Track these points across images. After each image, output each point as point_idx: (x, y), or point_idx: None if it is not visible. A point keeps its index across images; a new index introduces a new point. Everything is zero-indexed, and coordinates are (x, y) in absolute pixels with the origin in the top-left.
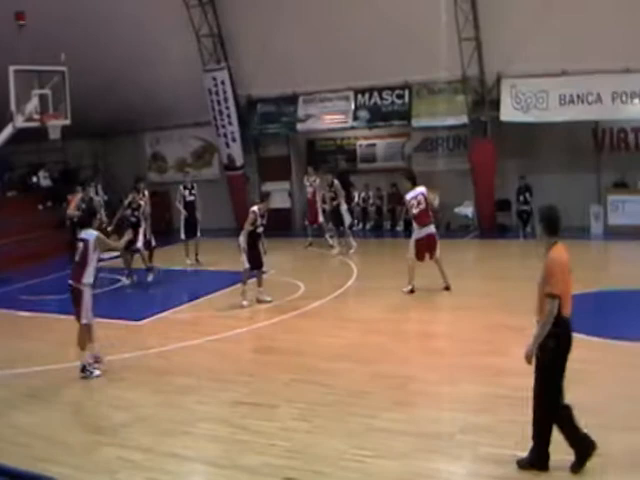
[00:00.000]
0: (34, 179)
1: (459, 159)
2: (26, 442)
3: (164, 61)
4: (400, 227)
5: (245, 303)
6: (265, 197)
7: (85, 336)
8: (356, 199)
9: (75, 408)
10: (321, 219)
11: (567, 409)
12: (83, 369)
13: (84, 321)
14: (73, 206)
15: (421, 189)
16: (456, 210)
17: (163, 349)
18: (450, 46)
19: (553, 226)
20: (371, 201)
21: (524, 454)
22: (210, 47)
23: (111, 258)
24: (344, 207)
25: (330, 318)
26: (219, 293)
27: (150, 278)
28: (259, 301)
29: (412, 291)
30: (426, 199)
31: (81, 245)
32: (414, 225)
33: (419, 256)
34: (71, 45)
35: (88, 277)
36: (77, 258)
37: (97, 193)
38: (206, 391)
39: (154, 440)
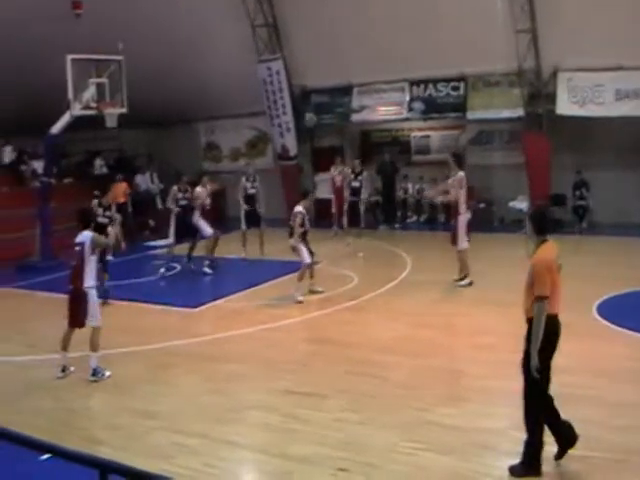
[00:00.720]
0: (92, 166)
1: (514, 153)
2: (83, 425)
3: (219, 51)
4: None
5: (301, 298)
6: (307, 194)
7: (96, 338)
8: (410, 190)
9: (130, 393)
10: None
11: (549, 399)
12: (94, 372)
13: (93, 324)
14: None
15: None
16: (510, 204)
17: (216, 337)
18: (506, 38)
19: (541, 225)
20: (425, 193)
21: (574, 452)
22: (265, 37)
23: (166, 246)
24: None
25: (382, 310)
26: (272, 283)
27: (203, 268)
28: (311, 292)
29: (471, 283)
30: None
31: (78, 248)
32: (461, 208)
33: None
34: (128, 35)
35: (89, 280)
36: (74, 262)
37: (152, 181)
38: (257, 379)
39: (207, 427)
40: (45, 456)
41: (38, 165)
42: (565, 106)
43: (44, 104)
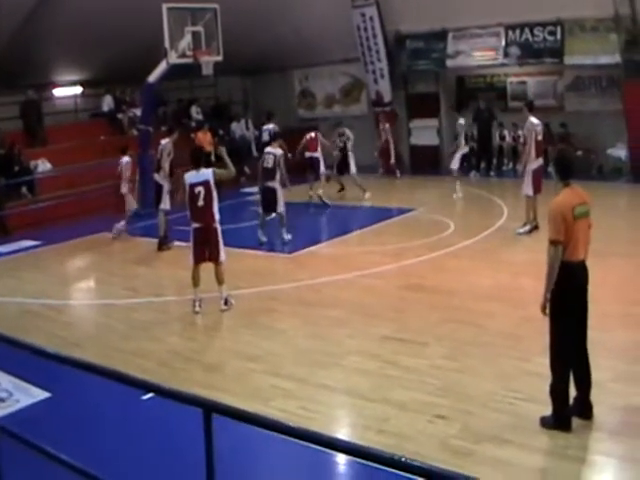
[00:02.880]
0: (188, 114)
1: (612, 99)
2: (183, 367)
3: None
4: (551, 168)
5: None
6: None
7: (222, 271)
8: (507, 138)
9: (229, 336)
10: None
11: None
12: (226, 302)
13: (223, 257)
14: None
15: (537, 120)
16: (609, 152)
17: (313, 282)
18: None
19: (564, 169)
20: (521, 140)
21: None
22: None
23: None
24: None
25: (479, 258)
26: (367, 229)
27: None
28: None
29: (536, 227)
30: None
31: (202, 189)
32: (531, 155)
33: (538, 188)
34: None
35: (217, 215)
36: (200, 203)
37: (247, 128)
38: (355, 325)
39: (305, 370)
40: (148, 395)
41: (136, 113)
42: None
43: (142, 53)
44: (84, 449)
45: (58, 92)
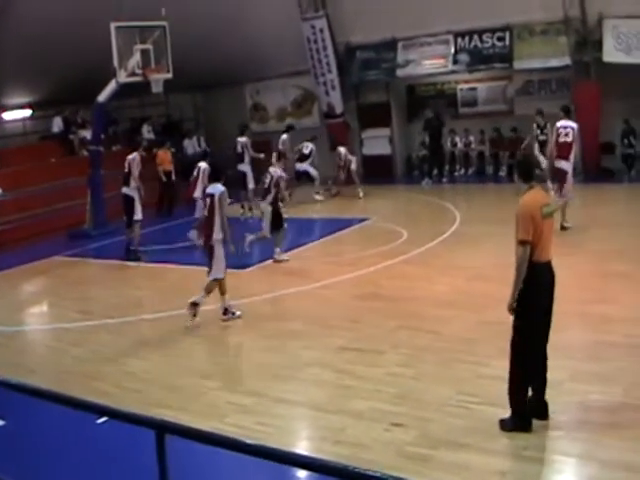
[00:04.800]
0: (139, 133)
1: (562, 102)
2: (139, 387)
3: (262, 11)
4: (503, 172)
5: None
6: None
7: (213, 286)
8: (458, 144)
9: (185, 354)
10: None
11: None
12: (225, 312)
13: (211, 277)
14: (167, 161)
15: (574, 124)
16: None
17: (269, 296)
18: None
19: (527, 172)
20: (473, 146)
21: (633, 402)
22: None
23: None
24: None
25: (434, 264)
26: (322, 240)
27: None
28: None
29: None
30: (574, 136)
31: (208, 200)
32: (552, 155)
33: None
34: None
35: (217, 233)
36: (205, 213)
37: (200, 145)
38: (312, 337)
39: (262, 385)
40: (102, 419)
41: (86, 134)
42: (611, 53)
43: (91, 73)
44: (38, 476)
45: (7, 115)
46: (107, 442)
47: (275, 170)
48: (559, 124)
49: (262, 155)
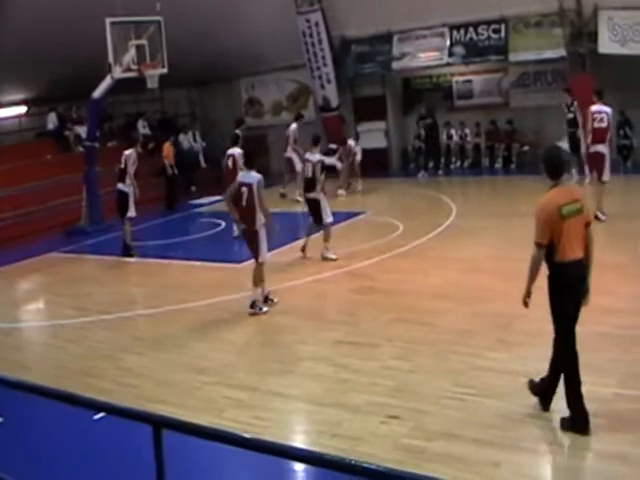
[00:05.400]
0: (135, 128)
1: (558, 93)
2: (135, 383)
3: (257, 5)
4: (499, 164)
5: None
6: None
7: (260, 274)
8: (454, 137)
9: (180, 349)
10: None
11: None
12: (253, 305)
13: (261, 260)
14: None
15: (608, 108)
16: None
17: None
18: None
19: (553, 168)
20: (468, 138)
21: (627, 393)
22: None
23: (211, 203)
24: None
25: (430, 257)
26: (317, 234)
27: None
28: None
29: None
30: (609, 120)
31: (245, 190)
32: (588, 140)
33: (591, 171)
34: None
35: (260, 219)
36: (243, 203)
37: (195, 140)
38: (307, 331)
39: (258, 379)
40: (99, 415)
41: (82, 130)
42: (606, 45)
43: (86, 69)
44: (37, 473)
45: (2, 113)
46: (104, 438)
47: (314, 155)
48: (594, 109)
49: None
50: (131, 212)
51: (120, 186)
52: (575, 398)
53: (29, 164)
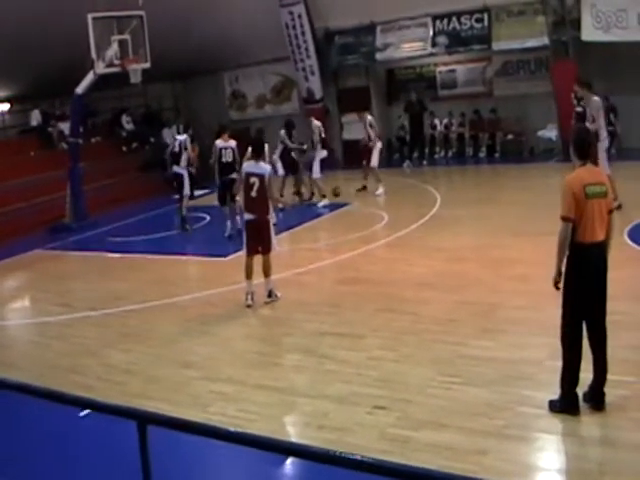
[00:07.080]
0: (119, 124)
1: (541, 81)
2: (121, 379)
3: None
4: (483, 153)
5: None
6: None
7: (270, 263)
8: (438, 127)
9: (166, 344)
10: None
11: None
12: (270, 294)
13: (273, 248)
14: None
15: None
16: (539, 133)
17: None
18: None
19: (582, 148)
20: (453, 128)
21: (613, 378)
22: None
23: (199, 196)
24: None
25: (414, 247)
26: (302, 227)
27: None
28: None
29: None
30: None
31: (256, 180)
32: (602, 135)
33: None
34: None
35: (271, 209)
36: (254, 194)
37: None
38: (292, 323)
39: (243, 373)
40: (85, 412)
41: (65, 126)
42: (590, 32)
43: (69, 65)
44: (23, 471)
45: None
46: (90, 435)
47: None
48: (599, 99)
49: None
50: (186, 190)
51: (175, 168)
52: (569, 383)
53: (12, 161)
